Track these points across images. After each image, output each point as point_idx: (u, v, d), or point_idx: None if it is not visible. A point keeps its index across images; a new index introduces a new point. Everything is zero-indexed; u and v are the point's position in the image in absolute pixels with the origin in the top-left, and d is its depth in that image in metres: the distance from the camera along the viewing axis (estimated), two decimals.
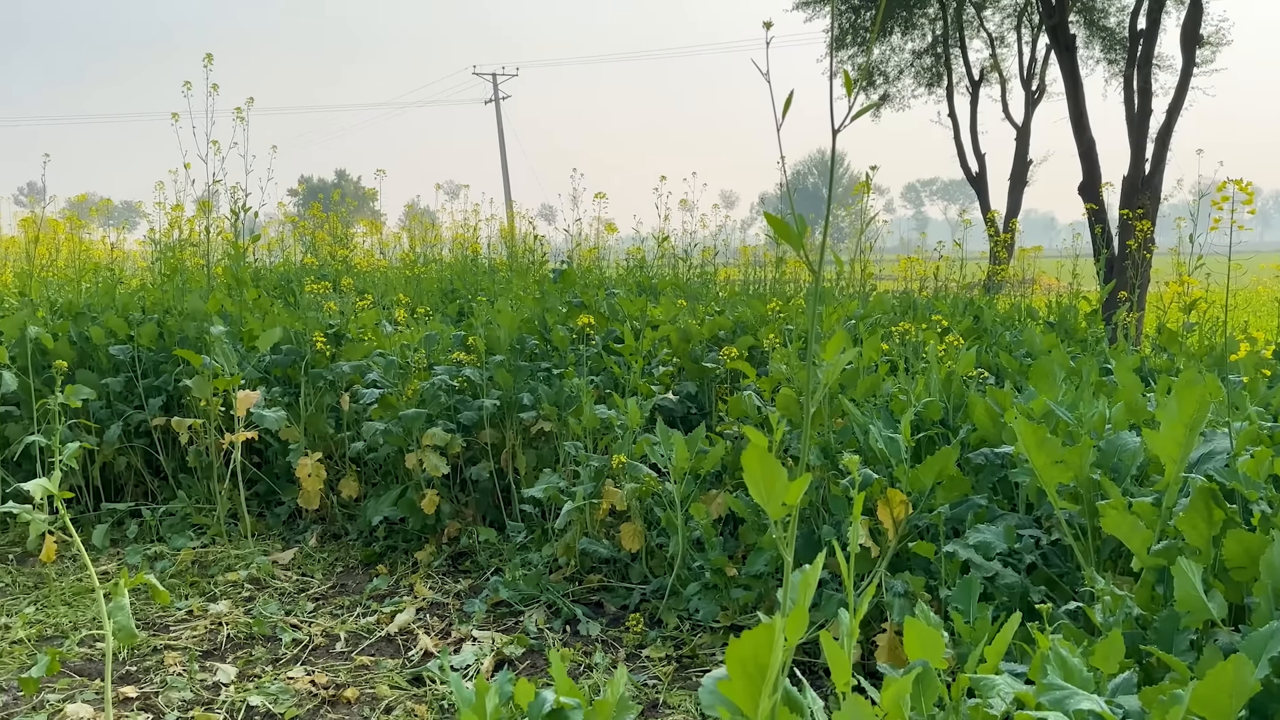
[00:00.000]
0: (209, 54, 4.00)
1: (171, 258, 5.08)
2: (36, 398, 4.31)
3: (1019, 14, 15.31)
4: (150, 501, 4.59)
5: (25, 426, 4.48)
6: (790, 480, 1.13)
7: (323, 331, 4.27)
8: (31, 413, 4.41)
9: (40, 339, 4.22)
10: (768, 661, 1.09)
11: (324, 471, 4.09)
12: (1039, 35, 14.76)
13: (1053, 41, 10.44)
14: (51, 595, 3.57)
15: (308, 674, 2.89)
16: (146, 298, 4.87)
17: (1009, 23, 15.86)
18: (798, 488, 1.11)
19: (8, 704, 2.74)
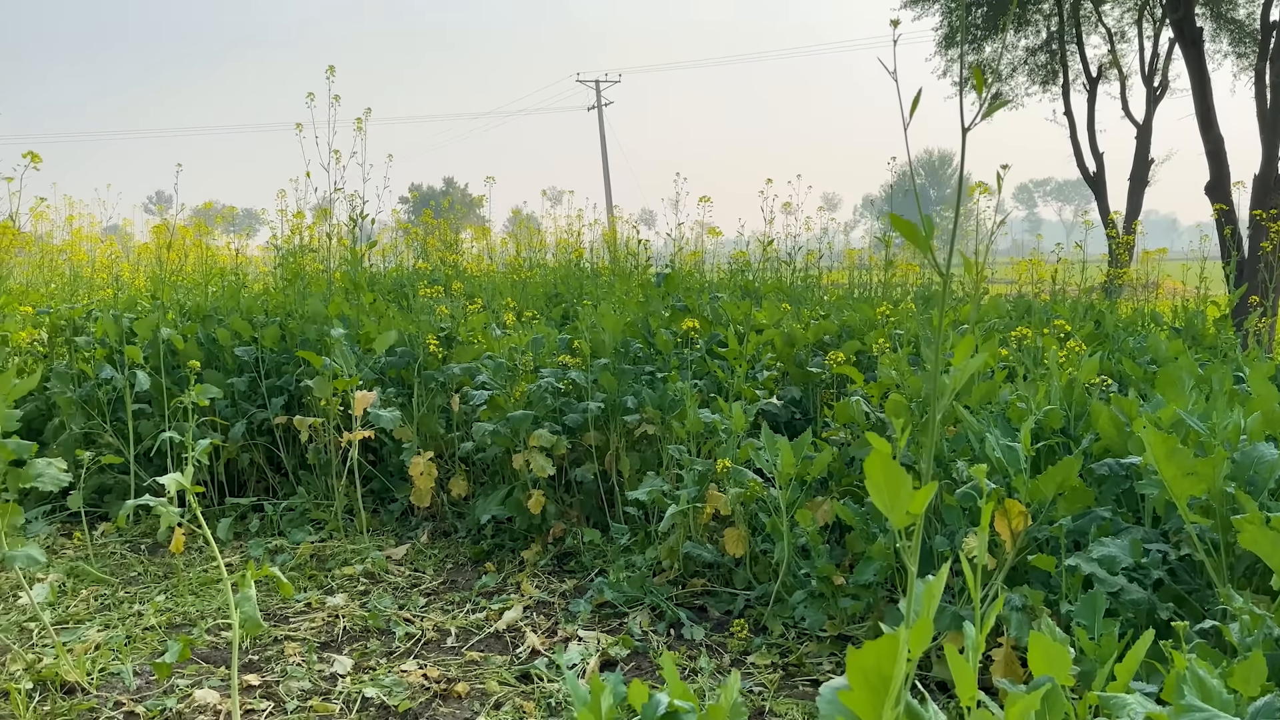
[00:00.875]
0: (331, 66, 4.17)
1: (292, 263, 5.30)
2: (167, 396, 4.55)
3: (1140, 8, 14.65)
4: (271, 497, 4.79)
5: (156, 423, 4.74)
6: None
7: (435, 334, 4.38)
8: (163, 410, 4.66)
9: (172, 340, 4.45)
10: (891, 672, 1.07)
11: (435, 470, 4.20)
12: (1162, 29, 14.10)
13: (1177, 36, 9.97)
14: (180, 585, 3.76)
15: (420, 667, 2.97)
16: (269, 301, 5.08)
17: (1129, 17, 15.20)
18: (923, 496, 1.08)
19: (141, 687, 2.88)
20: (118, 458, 4.30)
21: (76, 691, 2.83)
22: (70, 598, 3.66)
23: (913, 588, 1.18)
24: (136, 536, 4.43)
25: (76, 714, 2.68)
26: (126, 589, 3.76)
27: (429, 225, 6.95)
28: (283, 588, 2.42)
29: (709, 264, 7.41)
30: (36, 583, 3.58)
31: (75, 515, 4.64)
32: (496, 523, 4.13)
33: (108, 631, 3.30)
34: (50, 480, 2.69)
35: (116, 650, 3.10)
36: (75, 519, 4.62)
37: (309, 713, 2.69)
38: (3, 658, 3.07)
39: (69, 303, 5.39)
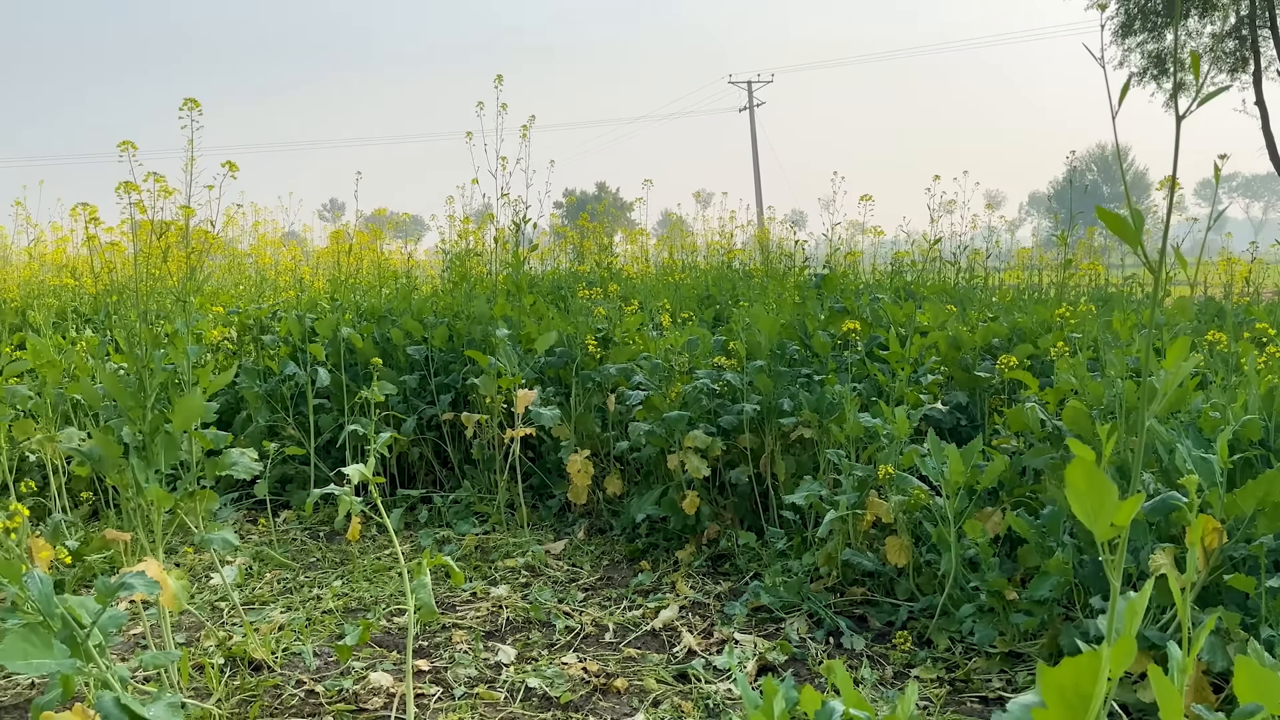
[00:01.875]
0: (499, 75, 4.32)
1: (459, 266, 5.51)
2: (346, 392, 4.81)
3: None
4: (438, 489, 4.99)
5: (334, 417, 5.01)
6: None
7: (592, 335, 4.46)
8: (341, 405, 4.93)
9: (350, 339, 4.70)
10: (1091, 692, 1.01)
11: (591, 468, 4.28)
12: None
13: None
14: (355, 571, 3.96)
15: (580, 661, 3.02)
16: (438, 303, 5.30)
17: None
18: (1129, 507, 1.02)
19: (320, 667, 3.05)
20: (299, 449, 4.58)
21: (263, 669, 3.02)
22: (256, 580, 3.91)
23: (1115, 604, 1.11)
24: (315, 524, 4.70)
25: (263, 690, 2.86)
26: (306, 573, 3.99)
27: (585, 229, 7.09)
28: (454, 576, 2.51)
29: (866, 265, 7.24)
30: (226, 565, 3.85)
31: (259, 503, 4.97)
32: (651, 522, 4.16)
33: (290, 613, 3.51)
34: (243, 469, 2.89)
35: (298, 631, 3.29)
36: (259, 506, 4.95)
37: (475, 700, 2.78)
38: (197, 634, 3.32)
39: (256, 303, 5.77)
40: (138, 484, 2.66)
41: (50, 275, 6.80)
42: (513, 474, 4.47)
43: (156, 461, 2.72)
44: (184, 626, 3.39)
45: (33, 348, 4.08)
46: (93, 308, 6.02)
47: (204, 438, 2.85)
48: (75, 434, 3.83)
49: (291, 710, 2.74)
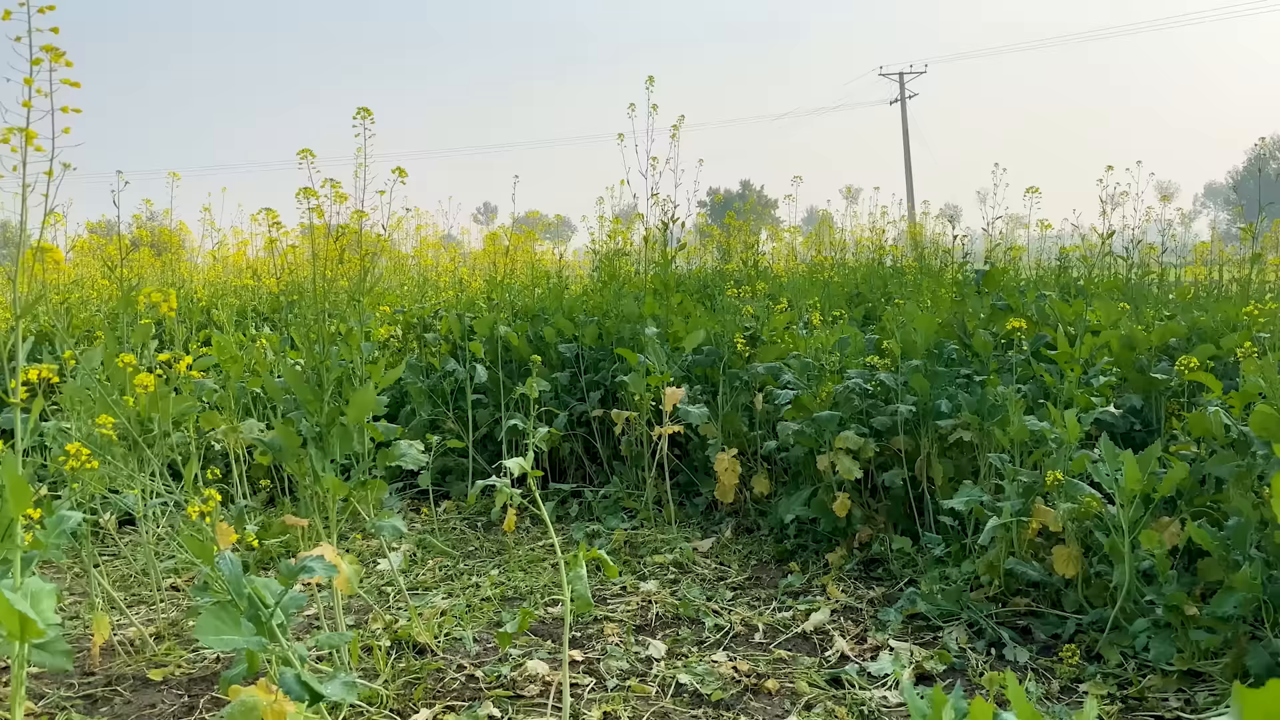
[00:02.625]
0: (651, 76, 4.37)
1: (608, 265, 5.60)
2: (502, 388, 4.97)
3: None
4: (588, 484, 5.09)
5: (491, 412, 5.18)
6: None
7: (741, 333, 4.45)
8: (497, 400, 5.09)
9: (507, 337, 4.85)
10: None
11: (738, 467, 4.26)
12: None
13: None
14: (511, 561, 4.08)
15: (730, 659, 3.02)
16: (588, 302, 5.41)
17: None
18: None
19: (480, 653, 3.16)
20: (459, 442, 4.76)
21: (426, 652, 3.16)
22: (419, 567, 4.09)
23: None
24: (473, 514, 4.87)
25: (426, 673, 2.99)
26: (465, 562, 4.14)
27: (731, 227, 7.07)
28: (608, 570, 2.55)
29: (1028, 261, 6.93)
30: (393, 552, 4.04)
31: (421, 493, 5.19)
32: (799, 523, 4.11)
33: (450, 600, 3.65)
34: (411, 460, 3.03)
35: (459, 617, 3.42)
36: (421, 496, 5.17)
37: (628, 693, 2.82)
38: (365, 616, 3.49)
39: (418, 303, 6.04)
40: (315, 473, 2.83)
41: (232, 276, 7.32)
42: (660, 471, 4.51)
43: (332, 452, 2.88)
44: (353, 609, 3.58)
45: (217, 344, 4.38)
46: (270, 307, 6.43)
47: (375, 430, 3.00)
48: (255, 425, 4.09)
49: (453, 694, 2.85)
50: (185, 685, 2.98)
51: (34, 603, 1.42)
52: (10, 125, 1.48)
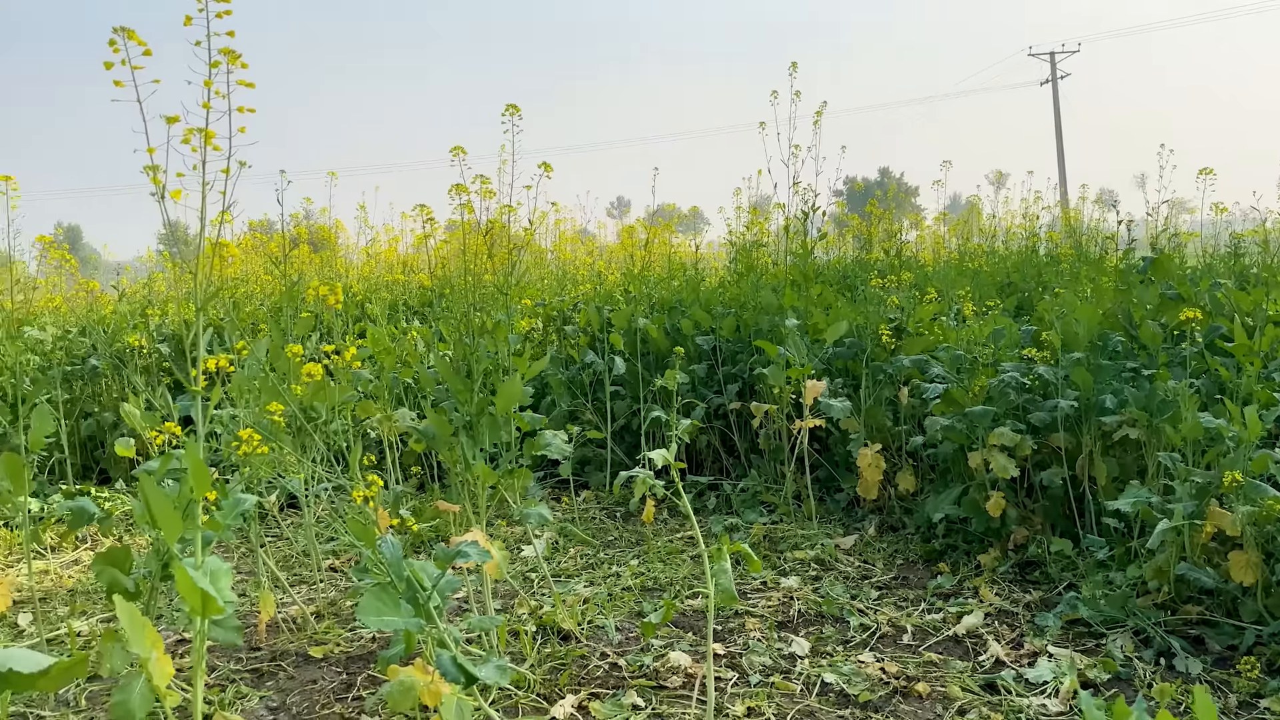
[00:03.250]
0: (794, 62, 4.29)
1: (745, 257, 5.54)
2: (640, 381, 4.99)
3: None
4: (724, 477, 5.06)
5: (629, 404, 5.22)
6: None
7: (885, 325, 4.32)
8: (635, 392, 5.12)
9: (646, 329, 4.86)
10: None
11: (882, 463, 4.15)
12: None
13: None
14: (650, 552, 4.10)
15: (877, 660, 2.94)
16: (725, 294, 5.37)
17: None
18: None
19: (622, 642, 3.18)
20: (598, 433, 4.81)
21: (570, 639, 3.20)
22: (561, 554, 4.16)
23: None
24: (612, 504, 4.91)
25: (571, 659, 3.03)
26: (605, 551, 4.18)
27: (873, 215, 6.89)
28: (751, 564, 2.52)
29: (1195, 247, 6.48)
30: (536, 539, 4.12)
31: (560, 482, 5.28)
32: (949, 522, 3.97)
33: (592, 588, 3.69)
34: (556, 449, 3.07)
35: (600, 605, 3.45)
36: (560, 486, 5.26)
37: (771, 689, 2.78)
38: (511, 601, 3.57)
39: (558, 296, 6.13)
40: (466, 460, 2.90)
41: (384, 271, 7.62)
42: (799, 465, 4.43)
43: (481, 440, 2.95)
44: (499, 594, 3.66)
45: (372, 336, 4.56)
46: (420, 301, 6.66)
47: (522, 420, 3.06)
48: (407, 414, 4.24)
49: (597, 681, 2.88)
50: (344, 663, 3.12)
51: (213, 581, 1.50)
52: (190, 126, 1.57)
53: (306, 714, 2.77)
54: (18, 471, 2.74)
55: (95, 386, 5.98)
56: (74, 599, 3.82)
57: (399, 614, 2.03)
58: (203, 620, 1.51)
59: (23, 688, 1.43)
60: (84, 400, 5.95)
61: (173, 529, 1.50)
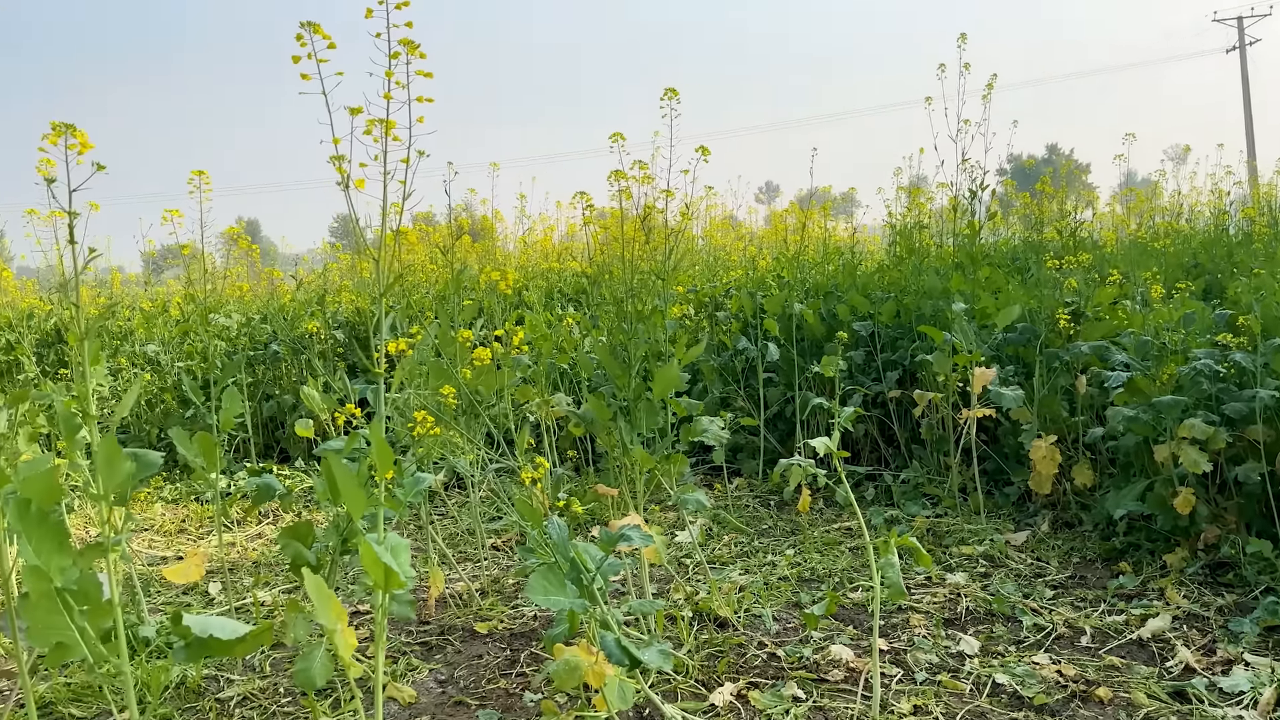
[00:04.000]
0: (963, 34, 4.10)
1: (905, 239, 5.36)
2: (793, 367, 4.91)
3: None
4: (882, 467, 4.92)
5: (781, 390, 5.14)
6: None
7: (1062, 309, 4.08)
8: (789, 379, 5.04)
9: (803, 315, 4.77)
10: None
11: (1058, 455, 3.93)
12: None
13: None
14: (806, 542, 4.02)
15: (1053, 662, 2.78)
16: (884, 278, 5.21)
17: None
18: None
19: (779, 632, 3.13)
20: (751, 420, 4.76)
21: (727, 626, 3.18)
22: (715, 541, 4.14)
23: None
24: (765, 493, 4.86)
25: (728, 647, 3.00)
26: (760, 539, 4.14)
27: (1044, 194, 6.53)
28: (920, 558, 2.43)
29: None
30: (690, 525, 4.11)
31: (712, 469, 5.26)
32: (1130, 520, 3.72)
33: (747, 576, 3.66)
34: (713, 435, 3.05)
35: (757, 594, 3.41)
36: (712, 472, 5.24)
37: (939, 687, 2.68)
38: (666, 586, 3.58)
39: (710, 282, 6.10)
40: (624, 444, 2.92)
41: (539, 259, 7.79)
42: (965, 457, 4.25)
43: (639, 425, 2.96)
44: (653, 578, 3.68)
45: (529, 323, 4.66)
46: (574, 288, 6.77)
47: (679, 405, 3.05)
48: (563, 399, 4.31)
49: (755, 670, 2.84)
50: (507, 639, 3.20)
51: (394, 556, 1.56)
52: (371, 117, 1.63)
53: (473, 688, 2.86)
54: (211, 450, 2.94)
55: (276, 370, 6.38)
56: (257, 570, 4.08)
57: (565, 594, 2.06)
58: (385, 594, 1.57)
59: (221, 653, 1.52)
60: (265, 383, 6.35)
61: (357, 505, 1.57)
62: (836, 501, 4.53)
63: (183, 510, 5.17)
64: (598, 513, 4.36)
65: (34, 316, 7.31)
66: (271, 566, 4.14)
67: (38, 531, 1.48)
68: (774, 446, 5.17)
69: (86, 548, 1.54)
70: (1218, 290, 5.24)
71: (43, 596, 1.52)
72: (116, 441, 1.51)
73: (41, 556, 1.48)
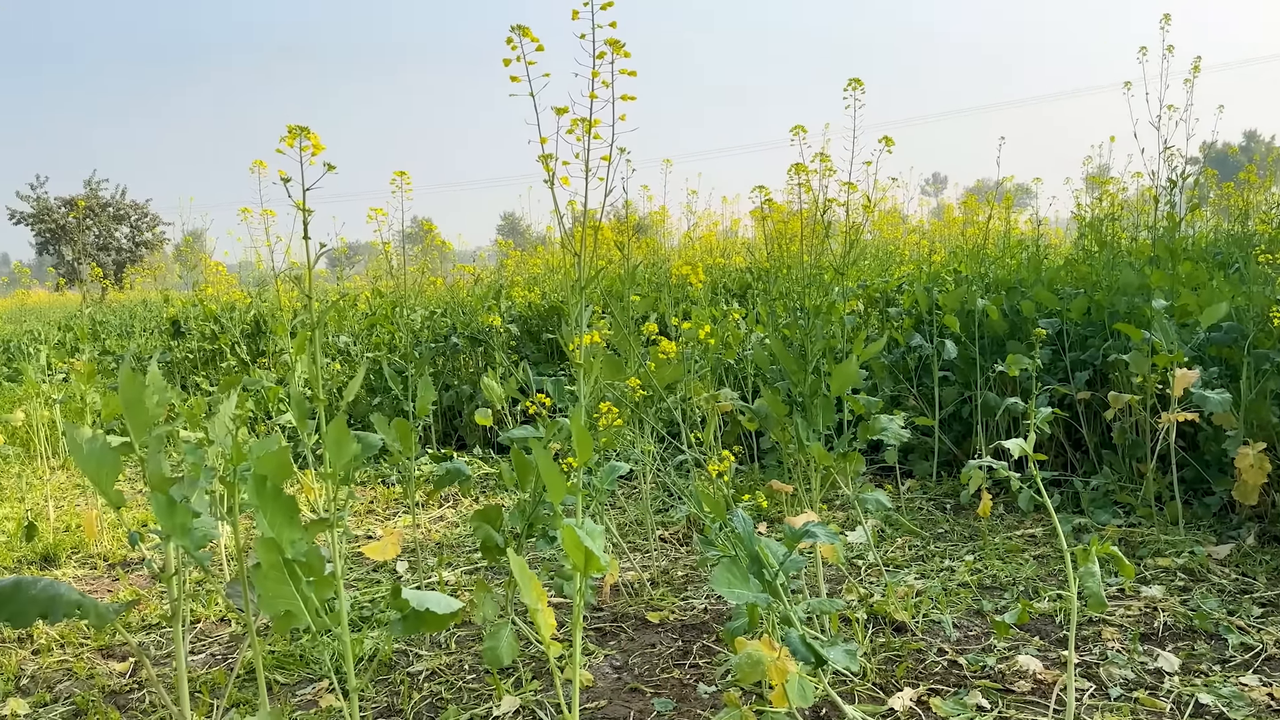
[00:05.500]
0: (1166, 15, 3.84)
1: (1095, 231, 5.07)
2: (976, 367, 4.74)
3: None
4: (1068, 473, 4.68)
5: (958, 390, 4.97)
6: None
7: (1276, 307, 3.77)
8: (966, 378, 4.87)
9: (987, 309, 4.59)
10: None
11: (1267, 464, 3.63)
12: None
13: None
14: (986, 548, 3.88)
15: (1264, 684, 2.58)
16: (1072, 272, 4.95)
17: None
18: None
19: (959, 639, 3.04)
20: (926, 419, 4.63)
21: (904, 631, 3.11)
22: (888, 544, 4.05)
23: None
24: (939, 495, 4.72)
25: (907, 651, 2.94)
26: (936, 544, 4.02)
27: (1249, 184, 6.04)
28: (1122, 568, 2.30)
29: None
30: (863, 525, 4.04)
31: (882, 469, 5.15)
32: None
33: (924, 580, 3.56)
34: (893, 434, 2.99)
35: (935, 599, 3.32)
36: (883, 473, 5.13)
37: (1136, 705, 2.53)
38: (838, 586, 3.53)
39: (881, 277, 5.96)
40: (800, 441, 2.90)
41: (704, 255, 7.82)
42: (1161, 463, 3.99)
43: (815, 422, 2.93)
44: (826, 578, 3.64)
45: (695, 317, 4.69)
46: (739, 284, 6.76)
47: (856, 402, 3.00)
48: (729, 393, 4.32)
49: (935, 677, 2.77)
50: (679, 630, 3.24)
51: (593, 541, 1.61)
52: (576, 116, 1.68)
53: (648, 675, 2.91)
54: (407, 435, 3.11)
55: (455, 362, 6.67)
56: (440, 551, 4.29)
57: (748, 587, 2.07)
58: (584, 577, 1.62)
59: (436, 626, 1.61)
60: (445, 374, 6.66)
61: (558, 490, 1.63)
62: (1018, 507, 4.34)
63: (370, 492, 5.49)
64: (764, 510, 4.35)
65: (235, 309, 7.92)
66: (454, 548, 4.33)
67: (272, 506, 1.61)
68: (949, 448, 5.01)
69: (313, 523, 1.67)
70: None
71: (273, 567, 1.65)
72: (345, 424, 1.63)
73: (275, 529, 1.61)
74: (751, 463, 5.20)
